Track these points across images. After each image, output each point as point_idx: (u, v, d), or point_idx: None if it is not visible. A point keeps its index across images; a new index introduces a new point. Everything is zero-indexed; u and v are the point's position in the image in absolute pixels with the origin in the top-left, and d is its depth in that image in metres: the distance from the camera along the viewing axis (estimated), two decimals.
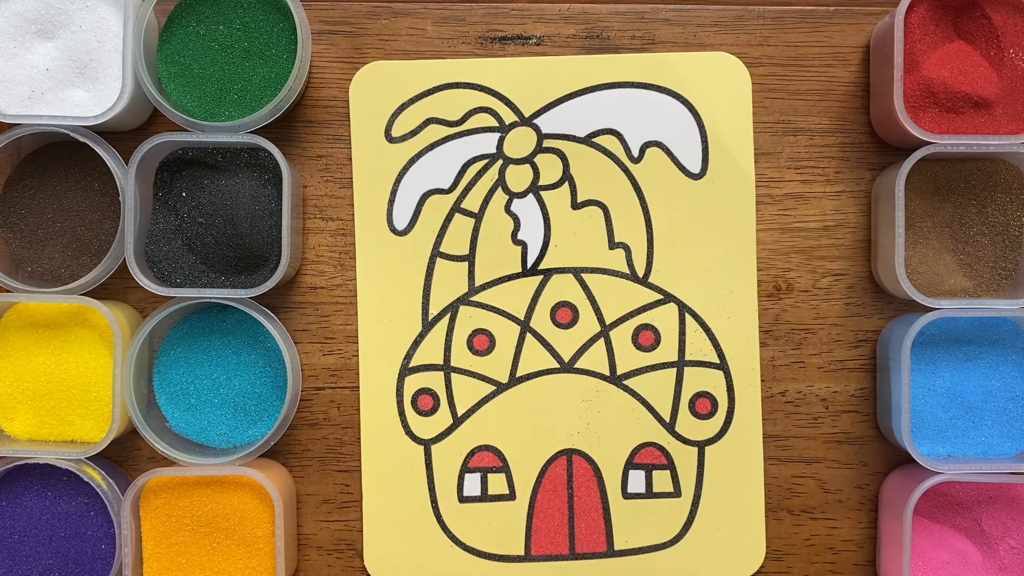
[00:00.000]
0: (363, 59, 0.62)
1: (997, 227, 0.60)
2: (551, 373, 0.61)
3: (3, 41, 0.59)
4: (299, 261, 0.62)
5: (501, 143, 0.62)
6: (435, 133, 0.62)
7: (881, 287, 0.62)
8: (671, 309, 0.62)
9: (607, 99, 0.62)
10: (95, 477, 0.58)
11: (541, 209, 0.62)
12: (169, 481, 0.59)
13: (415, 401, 0.62)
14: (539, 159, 0.62)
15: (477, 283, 0.62)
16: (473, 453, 0.62)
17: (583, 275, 0.62)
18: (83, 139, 0.58)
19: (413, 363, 0.62)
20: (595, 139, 0.62)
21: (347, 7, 0.62)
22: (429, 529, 0.61)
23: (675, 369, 0.62)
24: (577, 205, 0.62)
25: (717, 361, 0.62)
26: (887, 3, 0.62)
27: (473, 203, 0.62)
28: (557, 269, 0.62)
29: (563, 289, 0.62)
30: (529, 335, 0.61)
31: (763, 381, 0.62)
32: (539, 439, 0.61)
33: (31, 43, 0.59)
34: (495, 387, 0.61)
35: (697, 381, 0.62)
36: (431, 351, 0.62)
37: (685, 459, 0.62)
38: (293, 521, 0.61)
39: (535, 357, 0.61)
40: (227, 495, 0.59)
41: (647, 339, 0.62)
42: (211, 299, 0.58)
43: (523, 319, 0.61)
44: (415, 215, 0.62)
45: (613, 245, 0.62)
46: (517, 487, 0.61)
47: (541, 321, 0.61)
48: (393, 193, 0.62)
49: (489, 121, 0.62)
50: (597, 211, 0.62)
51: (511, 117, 0.62)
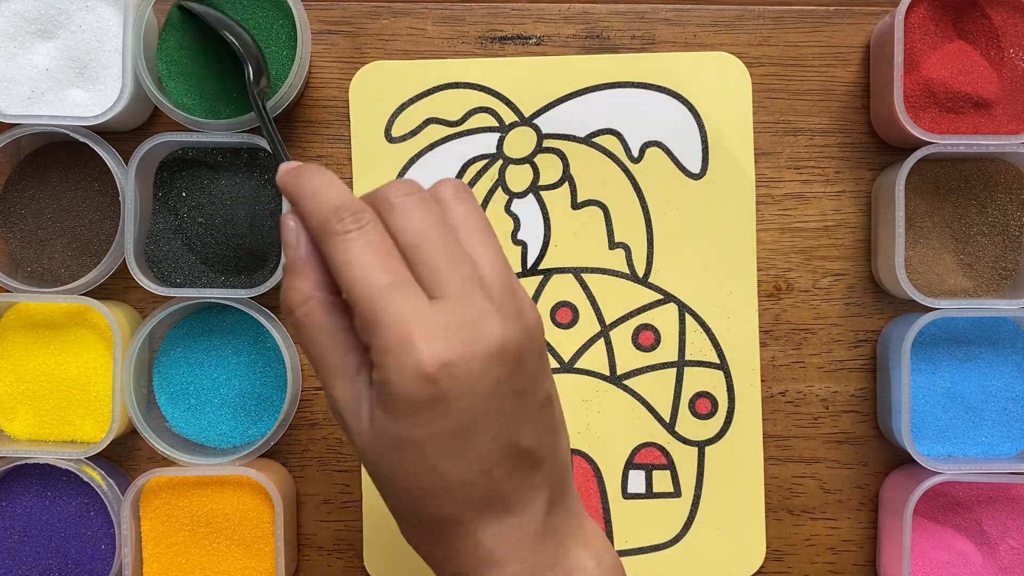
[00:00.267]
0: (363, 59, 0.62)
1: (997, 227, 0.60)
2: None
3: (3, 41, 0.59)
4: None
5: (501, 143, 0.62)
6: (435, 133, 0.62)
7: (881, 287, 0.62)
8: (671, 309, 0.62)
9: (607, 99, 0.62)
10: (95, 477, 0.58)
11: (541, 209, 0.62)
12: (169, 481, 0.59)
13: None
14: (539, 159, 0.62)
15: None
16: None
17: (583, 275, 0.62)
18: (83, 139, 0.58)
19: None
20: (595, 139, 0.62)
21: (347, 7, 0.62)
22: None
23: (675, 369, 0.62)
24: (577, 205, 0.62)
25: (717, 361, 0.62)
26: (887, 3, 0.62)
27: None
28: (557, 269, 0.62)
29: (563, 289, 0.62)
30: None
31: (763, 381, 0.62)
32: None
33: (31, 43, 0.59)
34: None
35: (697, 381, 0.62)
36: None
37: (685, 459, 0.61)
38: (293, 521, 0.61)
39: None
40: (227, 495, 0.59)
41: (647, 339, 0.62)
42: (211, 299, 0.58)
43: None
44: None
45: (613, 245, 0.62)
46: None
47: None
48: None
49: (489, 121, 0.62)
50: (597, 211, 0.62)
51: (511, 117, 0.62)
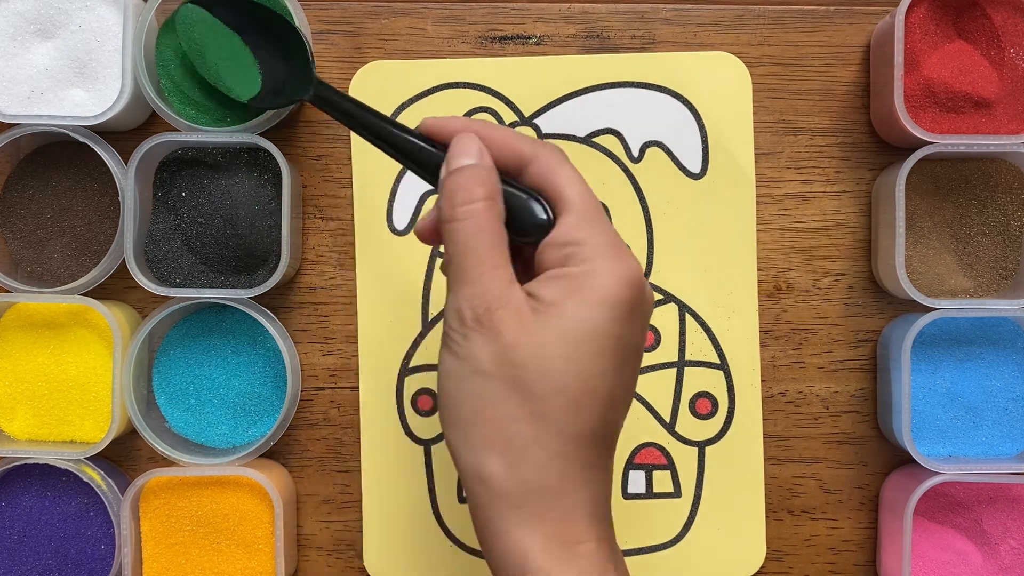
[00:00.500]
0: (363, 59, 0.62)
1: (997, 227, 0.60)
2: None
3: (3, 41, 0.59)
4: (299, 261, 0.62)
5: None
6: None
7: (881, 287, 0.62)
8: (671, 309, 0.62)
9: (607, 99, 0.62)
10: (94, 477, 0.58)
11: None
12: (169, 481, 0.59)
13: (415, 401, 0.62)
14: None
15: None
16: None
17: None
18: (83, 139, 0.58)
19: (413, 363, 0.62)
20: (595, 139, 0.62)
21: (347, 7, 0.62)
22: (429, 529, 0.61)
23: (675, 369, 0.62)
24: None
25: (717, 361, 0.61)
26: (887, 3, 0.62)
27: None
28: None
29: None
30: None
31: (763, 381, 0.62)
32: None
33: (31, 43, 0.59)
34: None
35: (697, 381, 0.61)
36: (431, 351, 0.61)
37: (685, 459, 0.61)
38: (293, 521, 0.61)
39: None
40: (227, 495, 0.59)
41: (647, 339, 0.61)
42: (211, 299, 0.58)
43: None
44: (415, 215, 0.62)
45: None
46: None
47: None
48: (393, 193, 0.62)
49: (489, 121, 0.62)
50: None
51: (511, 117, 0.62)
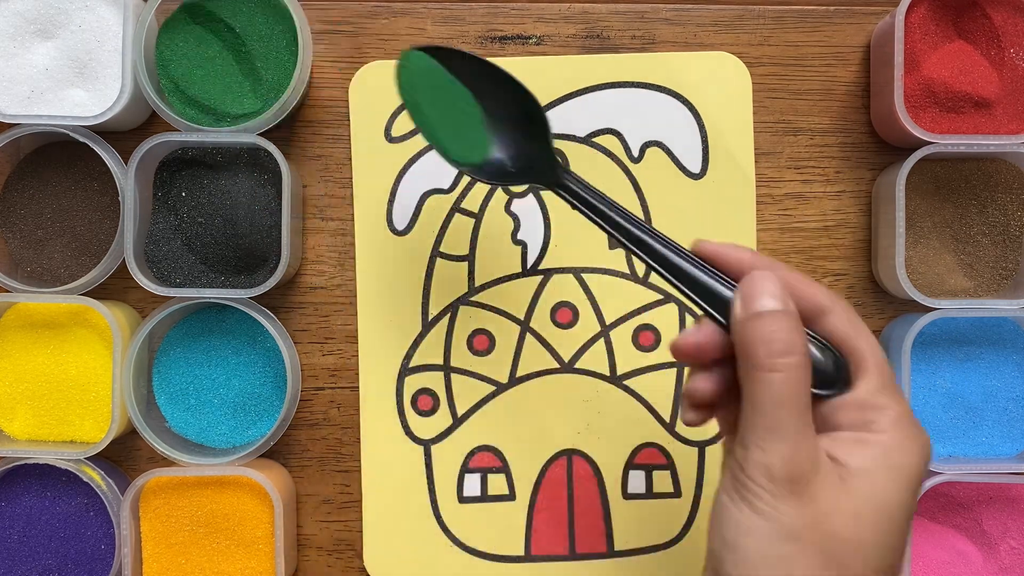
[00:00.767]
0: (363, 59, 0.62)
1: (997, 227, 0.60)
2: (551, 373, 0.61)
3: (3, 41, 0.59)
4: (299, 261, 0.62)
5: None
6: None
7: (881, 287, 0.62)
8: (671, 309, 0.62)
9: (607, 99, 0.62)
10: (94, 477, 0.58)
11: (541, 209, 0.62)
12: (169, 481, 0.59)
13: (415, 401, 0.62)
14: None
15: (477, 283, 0.62)
16: (473, 453, 0.61)
17: (583, 275, 0.62)
18: (82, 139, 0.58)
19: (413, 363, 0.62)
20: (595, 139, 0.62)
21: (347, 7, 0.62)
22: (429, 529, 0.61)
23: (675, 369, 0.61)
24: None
25: None
26: (887, 3, 0.62)
27: (473, 203, 0.62)
28: (557, 269, 0.62)
29: (563, 289, 0.62)
30: (529, 335, 0.61)
31: None
32: (539, 439, 0.61)
33: (31, 43, 0.59)
34: (495, 387, 0.61)
35: None
36: (431, 351, 0.62)
37: (685, 459, 0.61)
38: (293, 521, 0.61)
39: (535, 357, 0.61)
40: (227, 495, 0.59)
41: (647, 339, 0.61)
42: (211, 299, 0.58)
43: (523, 319, 0.61)
44: (415, 215, 0.62)
45: (613, 245, 0.61)
46: (517, 487, 0.61)
47: (541, 321, 0.61)
48: (393, 193, 0.62)
49: None
50: None
51: None
